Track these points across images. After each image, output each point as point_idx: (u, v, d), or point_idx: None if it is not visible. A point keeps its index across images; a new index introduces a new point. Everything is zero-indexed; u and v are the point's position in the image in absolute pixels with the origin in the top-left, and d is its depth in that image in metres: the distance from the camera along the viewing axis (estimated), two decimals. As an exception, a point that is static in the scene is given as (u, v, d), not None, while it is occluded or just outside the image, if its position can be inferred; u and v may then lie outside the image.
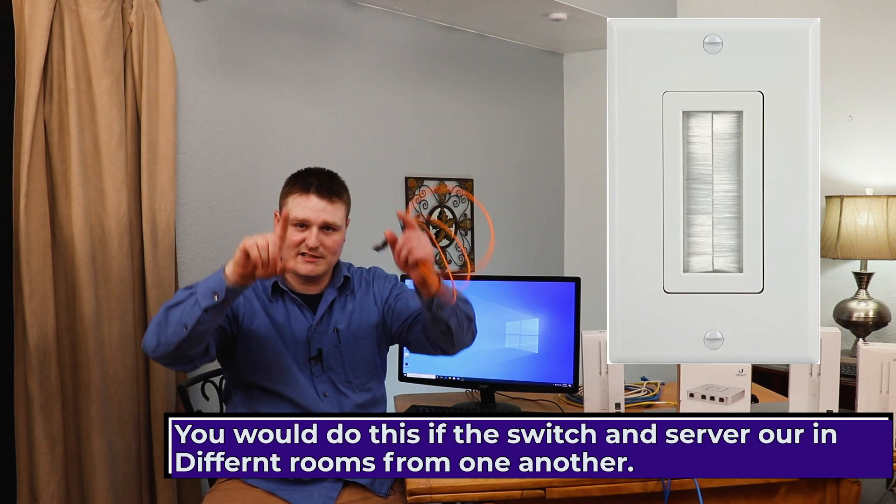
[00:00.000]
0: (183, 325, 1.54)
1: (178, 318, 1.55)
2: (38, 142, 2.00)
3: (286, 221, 1.62)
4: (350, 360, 1.84)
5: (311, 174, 1.81)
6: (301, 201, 1.76)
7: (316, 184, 1.78)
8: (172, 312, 1.56)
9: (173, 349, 1.58)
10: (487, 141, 3.43)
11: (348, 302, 1.88)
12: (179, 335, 1.55)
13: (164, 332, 1.57)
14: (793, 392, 1.81)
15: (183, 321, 1.54)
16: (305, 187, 1.77)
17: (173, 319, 1.56)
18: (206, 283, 1.55)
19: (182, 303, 1.56)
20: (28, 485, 2.03)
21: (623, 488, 1.64)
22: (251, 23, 2.56)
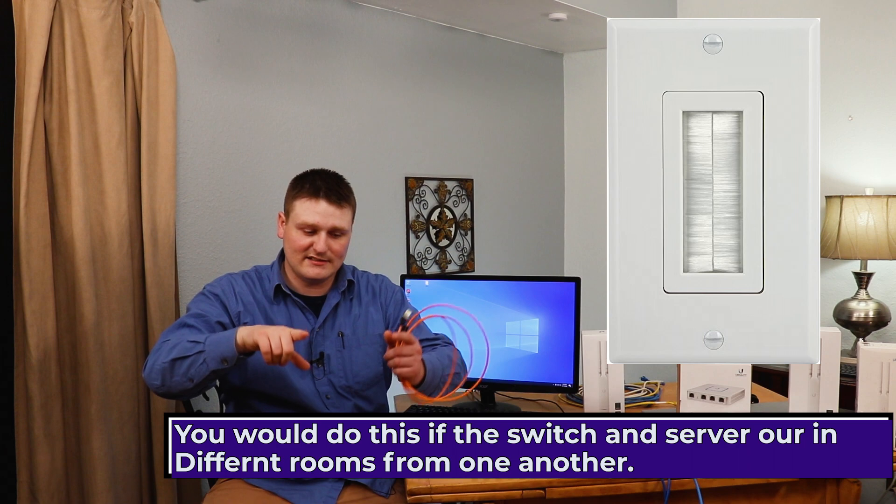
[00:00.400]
0: (189, 379, 1.58)
1: (185, 371, 1.58)
2: (38, 142, 2.00)
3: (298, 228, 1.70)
4: (353, 366, 1.84)
5: (318, 177, 1.80)
6: (310, 206, 1.76)
7: (325, 188, 1.77)
8: (179, 365, 1.58)
9: (176, 393, 1.63)
10: (487, 141, 3.43)
11: (353, 307, 1.87)
12: (185, 386, 1.59)
13: (169, 379, 1.60)
14: (793, 392, 1.81)
15: (189, 375, 1.58)
16: (314, 192, 1.76)
17: (179, 371, 1.58)
18: (216, 347, 1.57)
19: (188, 358, 1.57)
20: (28, 485, 2.03)
21: (623, 488, 1.64)
22: (251, 23, 2.56)
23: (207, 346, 1.57)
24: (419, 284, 2.18)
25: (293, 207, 1.78)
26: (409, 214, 3.11)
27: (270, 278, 1.84)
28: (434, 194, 3.21)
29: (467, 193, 3.35)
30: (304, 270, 1.78)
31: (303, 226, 1.75)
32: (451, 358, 1.80)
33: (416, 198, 3.13)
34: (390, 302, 1.93)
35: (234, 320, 1.77)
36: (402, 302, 1.95)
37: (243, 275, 1.86)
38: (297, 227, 1.76)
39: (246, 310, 1.79)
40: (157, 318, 2.22)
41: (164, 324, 2.23)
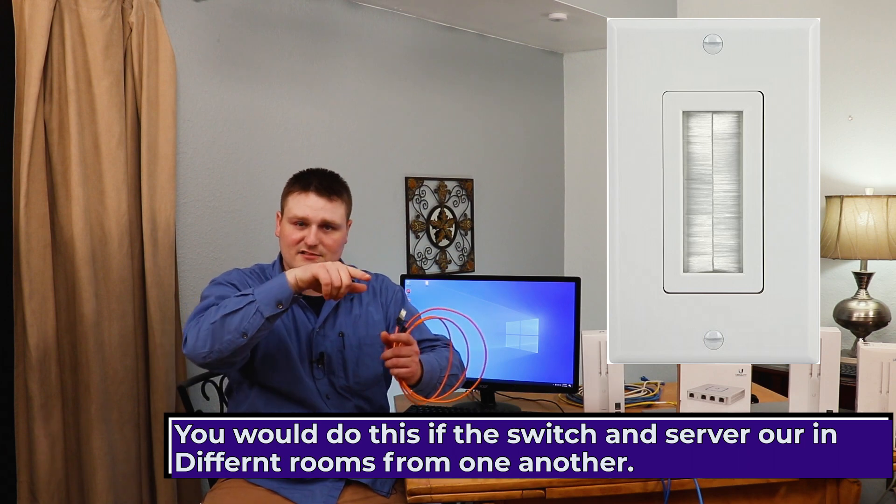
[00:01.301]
0: (242, 333, 1.55)
1: (238, 325, 1.55)
2: (38, 142, 2.00)
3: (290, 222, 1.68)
4: (353, 366, 1.84)
5: (311, 174, 1.83)
6: (300, 199, 1.77)
7: (315, 182, 1.79)
8: (230, 320, 1.55)
9: (228, 355, 1.59)
10: (487, 141, 3.43)
11: (354, 307, 1.88)
12: (237, 343, 1.56)
13: (220, 338, 1.56)
14: (793, 392, 1.80)
15: (243, 329, 1.55)
16: (305, 186, 1.79)
17: (231, 327, 1.55)
18: (267, 292, 1.56)
19: (240, 311, 1.55)
20: (28, 485, 2.03)
21: (623, 488, 1.64)
22: (251, 23, 2.56)
23: (258, 295, 1.56)
24: (419, 284, 2.18)
25: (286, 203, 1.82)
26: (409, 214, 3.11)
27: (272, 276, 1.84)
28: (434, 194, 3.21)
29: (467, 193, 3.35)
30: (298, 265, 1.78)
31: (294, 219, 1.77)
32: (448, 358, 1.80)
33: (416, 198, 3.13)
34: (391, 302, 1.93)
35: None
36: (402, 302, 1.95)
37: (248, 271, 1.89)
38: (289, 221, 1.79)
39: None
40: (157, 318, 2.22)
41: (163, 324, 2.23)
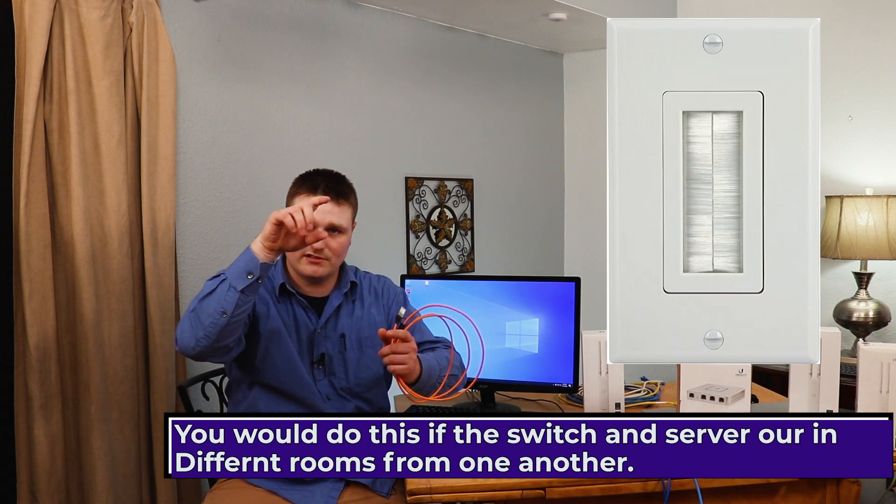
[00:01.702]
0: (222, 313, 1.55)
1: (215, 306, 1.55)
2: (38, 142, 2.00)
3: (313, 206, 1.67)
4: (354, 367, 1.84)
5: (319, 175, 1.81)
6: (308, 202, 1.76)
7: (324, 185, 1.77)
8: (207, 303, 1.56)
9: (214, 339, 1.58)
10: (487, 141, 3.43)
11: (356, 308, 1.87)
12: (219, 323, 1.55)
13: (201, 323, 1.56)
14: (793, 392, 1.80)
15: (221, 308, 1.55)
16: (313, 188, 1.77)
17: (209, 309, 1.55)
18: (235, 267, 1.56)
19: (214, 291, 1.56)
20: (28, 485, 2.03)
21: (623, 488, 1.64)
22: (251, 23, 2.56)
23: (228, 272, 1.57)
24: (419, 284, 2.18)
25: (293, 203, 1.79)
26: (409, 214, 3.11)
27: (274, 277, 1.84)
28: (434, 194, 3.21)
29: (467, 193, 3.35)
30: (302, 268, 1.78)
31: None
32: (448, 359, 1.80)
33: (416, 198, 3.13)
34: (393, 303, 1.93)
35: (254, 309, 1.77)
36: (404, 303, 1.95)
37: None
38: None
39: (260, 299, 1.79)
40: (157, 318, 2.22)
41: (163, 324, 2.23)
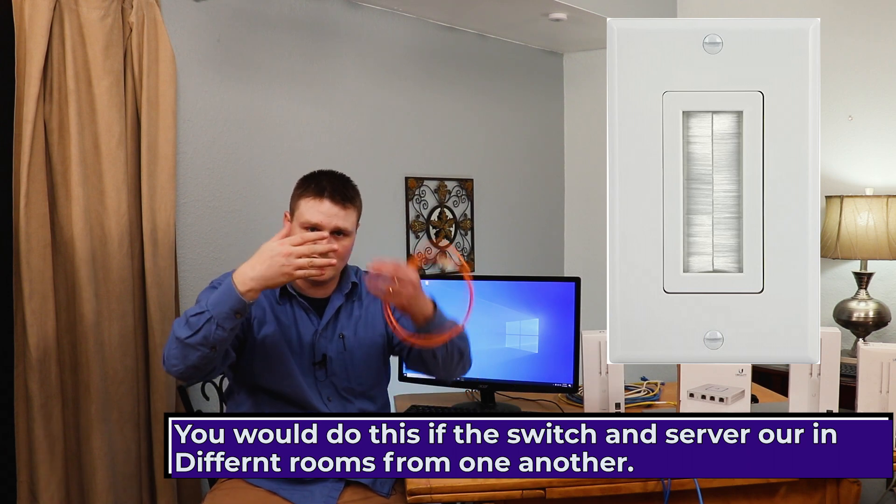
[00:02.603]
0: (210, 347, 1.56)
1: (202, 340, 1.55)
2: (38, 142, 2.00)
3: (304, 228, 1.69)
4: (354, 367, 1.84)
5: (324, 177, 1.79)
6: (314, 205, 1.74)
7: (330, 188, 1.76)
8: (194, 339, 1.55)
9: (203, 367, 1.60)
10: (487, 141, 3.43)
11: (355, 308, 1.87)
12: (207, 356, 1.57)
13: (190, 356, 1.56)
14: (793, 392, 1.80)
15: (209, 343, 1.55)
16: (319, 191, 1.75)
17: (196, 342, 1.55)
18: (220, 305, 1.54)
19: (200, 330, 1.55)
20: (28, 485, 2.03)
21: (623, 488, 1.64)
22: (251, 23, 2.56)
23: (213, 309, 1.54)
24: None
25: (298, 206, 1.77)
26: (409, 214, 3.11)
27: None
28: (434, 194, 3.21)
29: (467, 193, 3.35)
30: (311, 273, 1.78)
31: (307, 224, 1.74)
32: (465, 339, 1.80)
33: (416, 198, 3.13)
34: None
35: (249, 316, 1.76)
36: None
37: None
38: (301, 226, 1.75)
39: (256, 303, 1.78)
40: (157, 318, 2.22)
41: (163, 324, 2.23)
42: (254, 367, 1.78)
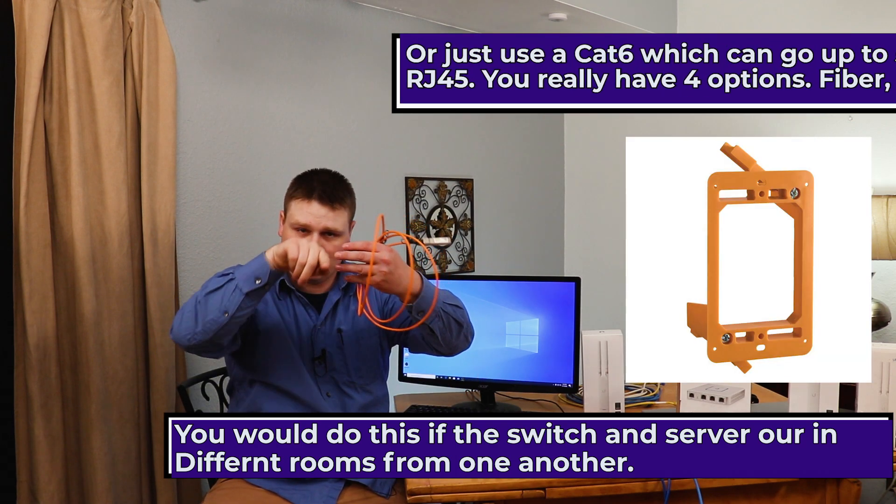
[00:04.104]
0: (224, 312, 1.55)
1: (219, 304, 1.55)
2: (38, 142, 2.00)
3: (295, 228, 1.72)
4: (353, 361, 1.84)
5: (315, 178, 1.79)
6: (303, 206, 1.75)
7: (319, 189, 1.76)
8: (211, 298, 1.56)
9: (211, 336, 1.58)
10: (487, 141, 3.43)
11: (352, 303, 1.88)
12: (219, 321, 1.56)
13: (203, 318, 1.57)
14: (793, 392, 1.80)
15: (224, 307, 1.55)
16: (308, 192, 1.75)
17: (213, 306, 1.56)
18: (246, 269, 1.57)
19: (220, 289, 1.57)
20: (28, 485, 2.03)
21: (623, 488, 1.64)
22: (251, 23, 2.56)
23: (237, 273, 1.58)
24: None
25: (289, 207, 1.79)
26: (409, 214, 3.11)
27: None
28: (434, 194, 3.21)
29: (467, 193, 3.35)
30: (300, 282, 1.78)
31: (296, 225, 1.75)
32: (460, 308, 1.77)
33: (416, 198, 3.13)
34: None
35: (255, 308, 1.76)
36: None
37: None
38: (291, 226, 1.76)
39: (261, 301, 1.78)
40: (157, 318, 2.22)
41: (164, 324, 2.23)
42: (255, 358, 1.78)
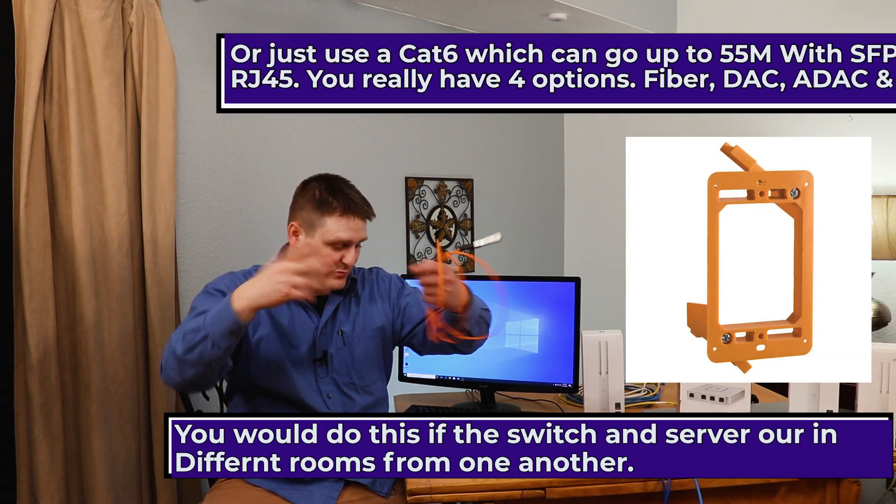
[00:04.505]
0: (206, 365, 1.55)
1: (198, 358, 1.54)
2: (38, 142, 2.00)
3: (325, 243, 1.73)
4: (355, 362, 1.84)
5: (340, 190, 1.77)
6: (344, 223, 1.74)
7: (354, 202, 1.76)
8: (190, 356, 1.55)
9: (198, 384, 1.62)
10: (487, 141, 3.43)
11: (353, 304, 1.87)
12: (204, 372, 1.57)
13: (186, 372, 1.56)
14: (793, 392, 1.80)
15: (204, 360, 1.54)
16: (347, 209, 1.74)
17: (192, 360, 1.55)
18: (217, 324, 1.53)
19: (197, 346, 1.54)
20: (28, 485, 2.03)
21: (623, 488, 1.63)
22: (251, 23, 2.56)
23: (209, 328, 1.53)
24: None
25: (322, 223, 1.74)
26: (409, 214, 3.11)
27: None
28: (434, 194, 3.21)
29: (467, 193, 3.35)
30: (332, 283, 1.77)
31: (336, 242, 1.73)
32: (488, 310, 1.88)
33: (416, 198, 3.13)
34: (392, 288, 1.93)
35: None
36: (401, 285, 1.95)
37: (245, 273, 1.83)
38: (327, 242, 1.74)
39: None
40: (157, 318, 2.22)
41: (164, 324, 2.23)
42: (250, 370, 1.77)
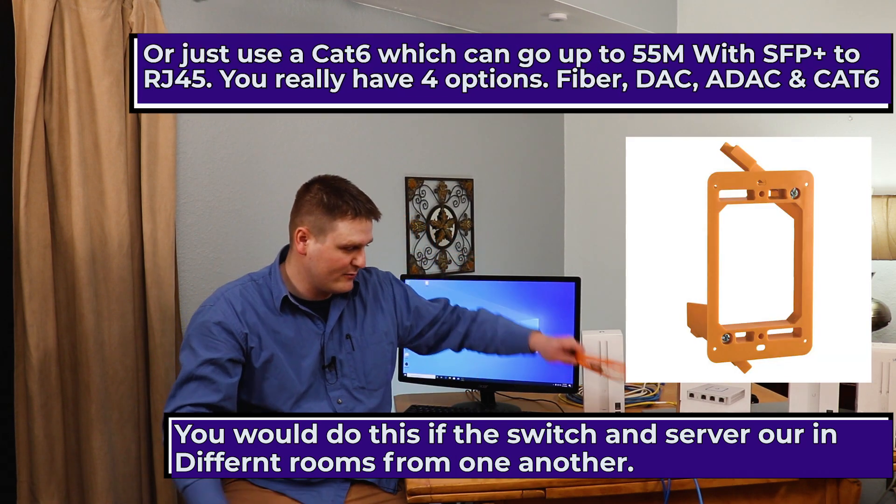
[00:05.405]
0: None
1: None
2: (38, 142, 2.00)
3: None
4: (364, 366, 1.82)
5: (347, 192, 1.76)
6: (356, 226, 1.73)
7: (363, 204, 1.75)
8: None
9: None
10: (487, 141, 3.43)
11: (358, 308, 1.86)
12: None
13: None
14: (793, 392, 1.80)
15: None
16: (357, 211, 1.73)
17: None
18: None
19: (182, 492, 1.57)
20: (28, 485, 2.03)
21: (623, 488, 1.64)
22: (251, 23, 2.56)
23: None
24: (419, 284, 2.17)
25: (334, 227, 1.72)
26: (409, 214, 3.11)
27: (272, 289, 1.77)
28: (434, 194, 3.21)
29: (467, 193, 3.35)
30: (341, 286, 1.76)
31: (348, 245, 1.72)
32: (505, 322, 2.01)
33: (416, 198, 3.13)
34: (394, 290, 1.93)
35: (242, 343, 1.71)
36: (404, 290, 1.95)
37: (240, 289, 1.76)
38: (339, 246, 1.72)
39: (251, 330, 1.72)
40: (157, 318, 2.22)
41: (163, 323, 2.23)
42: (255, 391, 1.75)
